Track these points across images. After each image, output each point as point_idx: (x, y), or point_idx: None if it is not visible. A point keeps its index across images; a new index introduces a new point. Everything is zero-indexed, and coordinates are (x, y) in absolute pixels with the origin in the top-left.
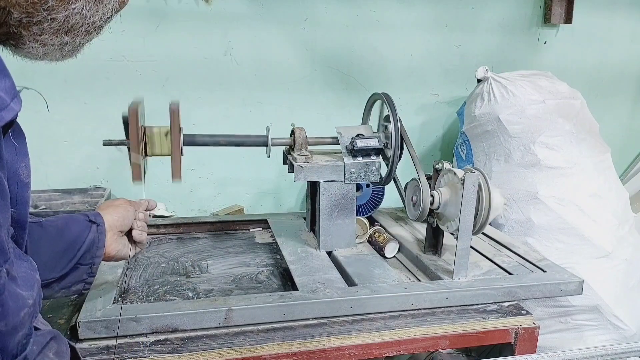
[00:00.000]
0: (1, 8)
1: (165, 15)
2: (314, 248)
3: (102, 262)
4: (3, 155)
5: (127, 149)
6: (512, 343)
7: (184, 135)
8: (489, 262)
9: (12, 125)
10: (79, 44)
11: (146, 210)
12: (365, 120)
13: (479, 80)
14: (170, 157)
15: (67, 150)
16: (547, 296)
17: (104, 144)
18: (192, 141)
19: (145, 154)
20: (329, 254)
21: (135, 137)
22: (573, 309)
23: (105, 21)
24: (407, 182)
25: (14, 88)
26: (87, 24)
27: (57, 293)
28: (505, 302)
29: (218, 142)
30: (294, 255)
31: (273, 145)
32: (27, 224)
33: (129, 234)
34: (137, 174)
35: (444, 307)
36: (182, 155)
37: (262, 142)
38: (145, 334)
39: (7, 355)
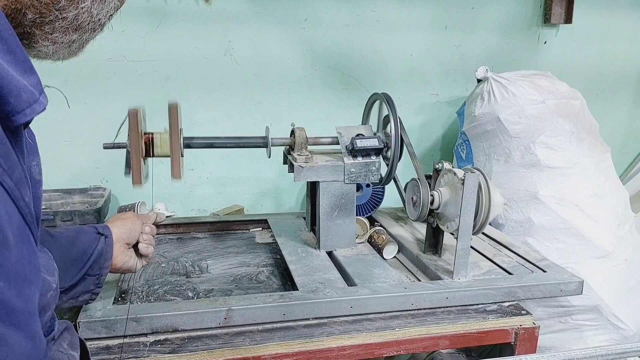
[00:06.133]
0: (17, 10)
1: (165, 15)
2: (314, 248)
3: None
4: (24, 149)
5: (126, 152)
6: (512, 343)
7: (183, 138)
8: (489, 262)
9: (30, 122)
10: (85, 41)
11: (154, 223)
12: (365, 120)
13: (479, 80)
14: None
15: (67, 150)
16: (547, 296)
17: (105, 147)
18: (192, 144)
19: (146, 155)
20: (329, 254)
21: (135, 136)
22: (573, 309)
23: (108, 18)
24: (407, 182)
25: (40, 84)
26: (94, 21)
27: (65, 303)
28: (505, 302)
29: (218, 144)
30: (294, 255)
31: (273, 145)
32: (40, 221)
33: (136, 247)
34: (137, 177)
35: (444, 307)
36: (182, 156)
37: (263, 143)
38: (145, 334)
39: None
